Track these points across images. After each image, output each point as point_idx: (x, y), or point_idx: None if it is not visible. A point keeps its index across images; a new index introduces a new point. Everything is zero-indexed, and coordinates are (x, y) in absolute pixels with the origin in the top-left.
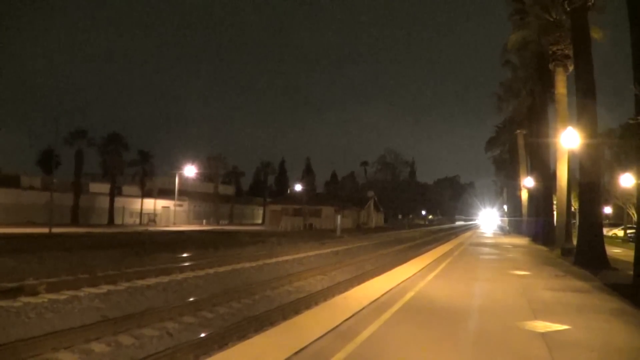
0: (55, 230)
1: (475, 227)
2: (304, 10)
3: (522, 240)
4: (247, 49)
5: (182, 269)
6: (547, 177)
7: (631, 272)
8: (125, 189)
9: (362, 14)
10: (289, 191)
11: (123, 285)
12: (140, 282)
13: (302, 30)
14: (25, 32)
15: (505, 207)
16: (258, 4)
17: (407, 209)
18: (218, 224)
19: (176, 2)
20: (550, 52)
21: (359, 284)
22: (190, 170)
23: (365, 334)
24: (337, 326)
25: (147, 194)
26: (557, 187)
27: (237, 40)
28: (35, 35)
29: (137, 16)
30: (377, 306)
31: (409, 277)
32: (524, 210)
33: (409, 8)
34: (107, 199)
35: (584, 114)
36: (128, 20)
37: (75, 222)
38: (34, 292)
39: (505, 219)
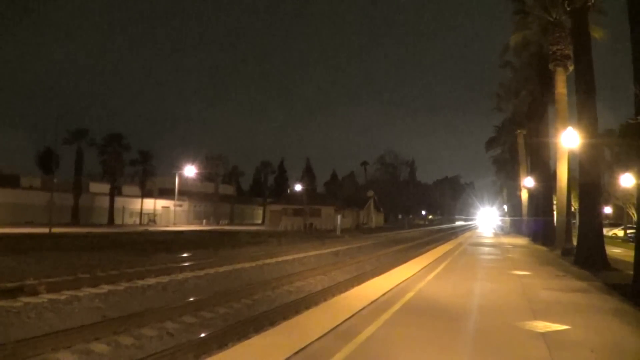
0: (55, 230)
1: (475, 227)
2: (304, 9)
3: (522, 240)
4: (247, 49)
5: (182, 269)
6: (547, 177)
7: (631, 272)
8: (125, 189)
9: (362, 13)
10: (289, 191)
11: (123, 285)
12: (140, 282)
13: (303, 29)
14: (25, 32)
15: (505, 207)
16: (257, 4)
17: (407, 209)
18: (218, 224)
19: (176, 2)
20: (551, 52)
21: (359, 284)
22: (190, 170)
23: (365, 334)
24: (337, 326)
25: (147, 194)
26: (557, 187)
27: (237, 40)
28: (36, 36)
29: (137, 16)
30: (377, 306)
31: (409, 277)
32: (524, 210)
33: (409, 7)
34: (107, 198)
35: (584, 114)
36: (128, 20)
37: (75, 222)
38: (34, 292)
39: (506, 218)
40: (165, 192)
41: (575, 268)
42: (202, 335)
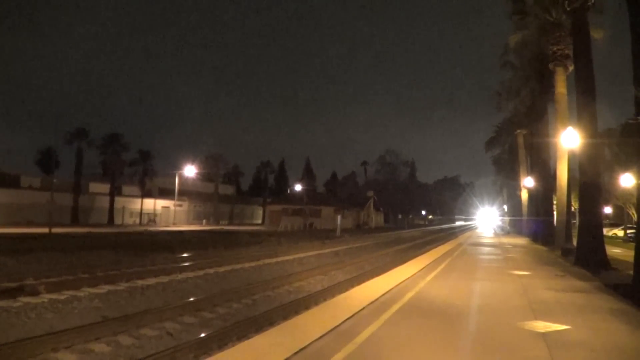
0: (55, 230)
1: (475, 227)
2: (304, 10)
3: (521, 240)
4: (247, 49)
5: (182, 269)
6: (547, 177)
7: (631, 272)
8: (125, 189)
9: (361, 13)
10: (289, 191)
11: (123, 285)
12: (140, 282)
13: (302, 29)
14: (25, 31)
15: (505, 207)
16: (257, 5)
17: (407, 209)
18: (218, 224)
19: (176, 2)
20: (550, 52)
21: (359, 284)
22: (190, 170)
23: (365, 334)
24: (337, 326)
25: (147, 194)
26: (557, 187)
27: (237, 40)
28: (36, 35)
29: (137, 16)
30: (377, 306)
31: (409, 277)
32: (524, 210)
33: (409, 6)
34: (107, 198)
35: (584, 113)
36: (128, 20)
37: (75, 222)
38: (34, 292)
39: (506, 218)
40: (165, 192)
41: (576, 268)
42: (202, 335)
